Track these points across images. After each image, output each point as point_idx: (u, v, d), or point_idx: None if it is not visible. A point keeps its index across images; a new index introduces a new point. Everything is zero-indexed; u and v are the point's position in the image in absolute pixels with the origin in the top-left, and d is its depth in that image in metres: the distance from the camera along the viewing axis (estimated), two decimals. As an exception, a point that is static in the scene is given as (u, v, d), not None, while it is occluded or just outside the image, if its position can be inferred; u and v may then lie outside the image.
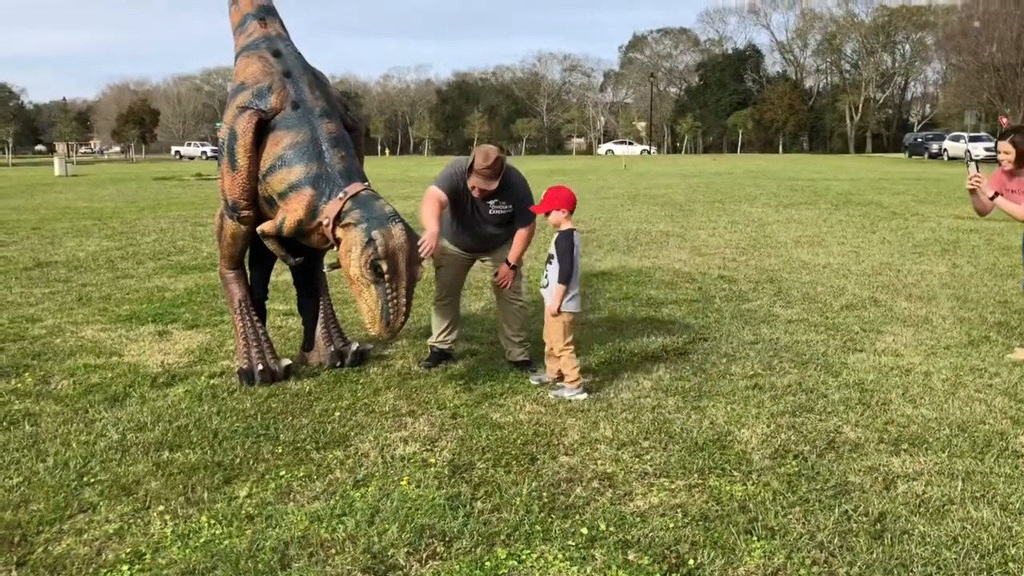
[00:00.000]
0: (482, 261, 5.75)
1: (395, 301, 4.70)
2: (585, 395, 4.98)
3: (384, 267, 4.64)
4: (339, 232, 4.84)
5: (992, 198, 5.26)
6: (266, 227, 5.12)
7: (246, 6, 5.74)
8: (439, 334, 5.74)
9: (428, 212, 5.16)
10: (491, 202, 5.42)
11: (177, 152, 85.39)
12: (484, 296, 7.86)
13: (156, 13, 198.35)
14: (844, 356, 5.86)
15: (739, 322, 6.87)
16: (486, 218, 5.47)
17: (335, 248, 4.97)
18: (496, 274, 5.55)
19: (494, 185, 5.27)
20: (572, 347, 5.07)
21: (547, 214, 5.14)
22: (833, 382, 5.26)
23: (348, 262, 4.73)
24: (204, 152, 78.10)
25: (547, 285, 5.11)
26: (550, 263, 5.09)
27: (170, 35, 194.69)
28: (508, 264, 5.50)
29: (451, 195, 5.34)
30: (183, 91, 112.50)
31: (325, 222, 4.86)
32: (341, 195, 4.87)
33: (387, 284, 4.67)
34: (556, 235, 5.10)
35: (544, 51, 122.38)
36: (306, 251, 5.43)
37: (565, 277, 4.99)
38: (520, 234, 5.50)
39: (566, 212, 5.08)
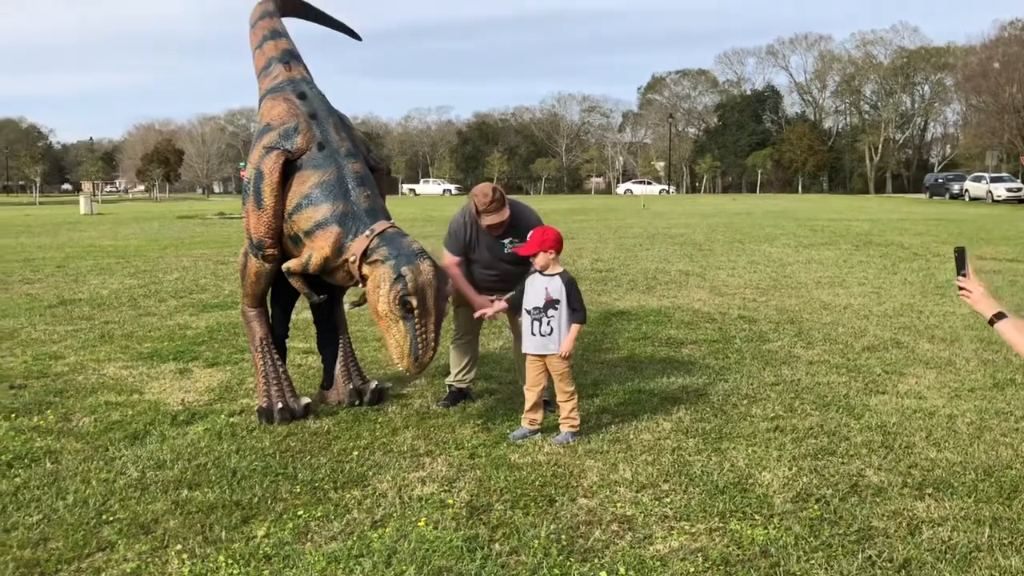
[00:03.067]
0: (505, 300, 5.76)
1: (424, 336, 4.72)
2: (577, 438, 4.92)
3: (413, 303, 4.67)
4: (366, 269, 4.88)
5: (992, 322, 3.12)
6: (292, 264, 5.16)
7: (271, 50, 5.85)
8: (457, 373, 5.75)
9: (462, 284, 5.43)
10: (505, 240, 5.49)
11: None
12: (503, 336, 7.86)
13: (182, 56, 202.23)
14: (866, 398, 5.80)
15: (759, 363, 6.83)
16: (502, 257, 5.53)
17: (360, 285, 5.00)
18: (503, 299, 5.50)
19: (506, 212, 5.35)
20: (575, 394, 5.03)
21: (533, 256, 4.97)
22: (855, 424, 5.20)
23: (376, 298, 4.76)
24: None
25: (550, 332, 4.92)
26: (551, 309, 4.90)
27: (195, 77, 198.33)
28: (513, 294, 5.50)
29: (463, 251, 5.50)
30: (207, 131, 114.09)
31: (352, 259, 4.91)
32: (368, 232, 4.93)
33: (416, 320, 4.70)
34: (555, 279, 4.92)
35: (563, 92, 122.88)
36: (329, 288, 5.47)
37: (583, 318, 4.97)
38: None
39: (554, 253, 4.95)
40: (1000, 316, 3.06)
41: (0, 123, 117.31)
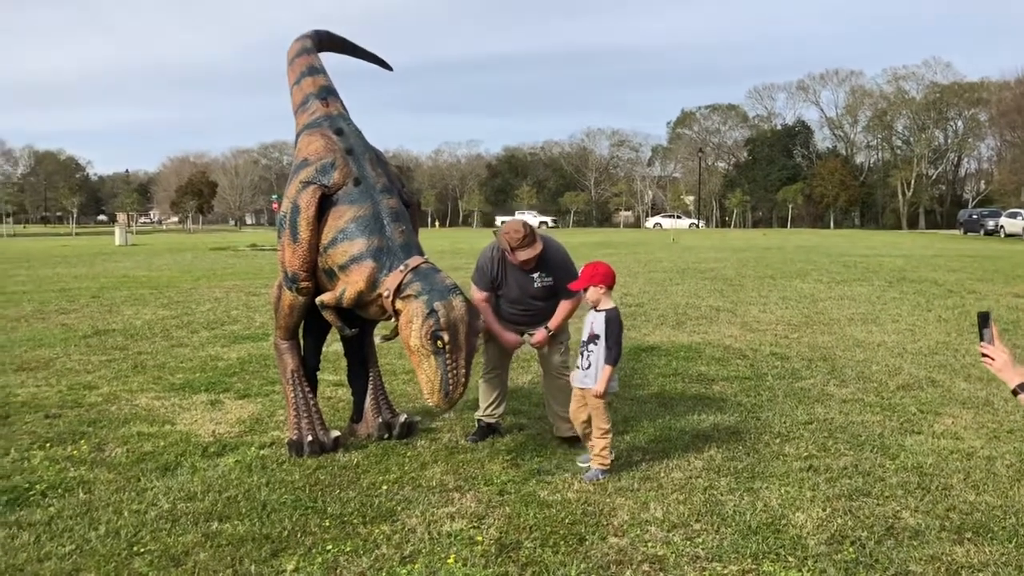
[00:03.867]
0: (529, 335, 5.77)
1: (454, 372, 4.74)
2: (607, 475, 4.90)
3: (445, 338, 4.70)
4: (399, 304, 4.91)
5: (1016, 392, 2.94)
6: (326, 298, 5.21)
7: (308, 87, 5.94)
8: (486, 407, 5.74)
9: (490, 320, 5.51)
10: (534, 275, 5.53)
11: None
12: (532, 370, 7.84)
13: (217, 90, 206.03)
14: (901, 438, 5.70)
15: (792, 401, 6.75)
16: (531, 293, 5.57)
17: (393, 320, 5.03)
18: (533, 335, 5.58)
19: (539, 246, 5.41)
20: (610, 432, 4.99)
21: (584, 290, 5.05)
22: (891, 465, 5.12)
23: (408, 333, 4.79)
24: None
25: (589, 367, 4.98)
26: (592, 344, 4.97)
27: (229, 110, 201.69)
28: (546, 329, 5.57)
29: (491, 286, 5.57)
30: (240, 163, 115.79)
31: (385, 294, 4.95)
32: (402, 268, 4.97)
33: (447, 355, 4.72)
34: (600, 315, 4.97)
35: (592, 127, 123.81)
36: (361, 322, 5.51)
37: (614, 359, 4.93)
38: (563, 304, 5.60)
39: (604, 288, 4.98)
40: None
41: (40, 155, 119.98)
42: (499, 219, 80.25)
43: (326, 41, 6.51)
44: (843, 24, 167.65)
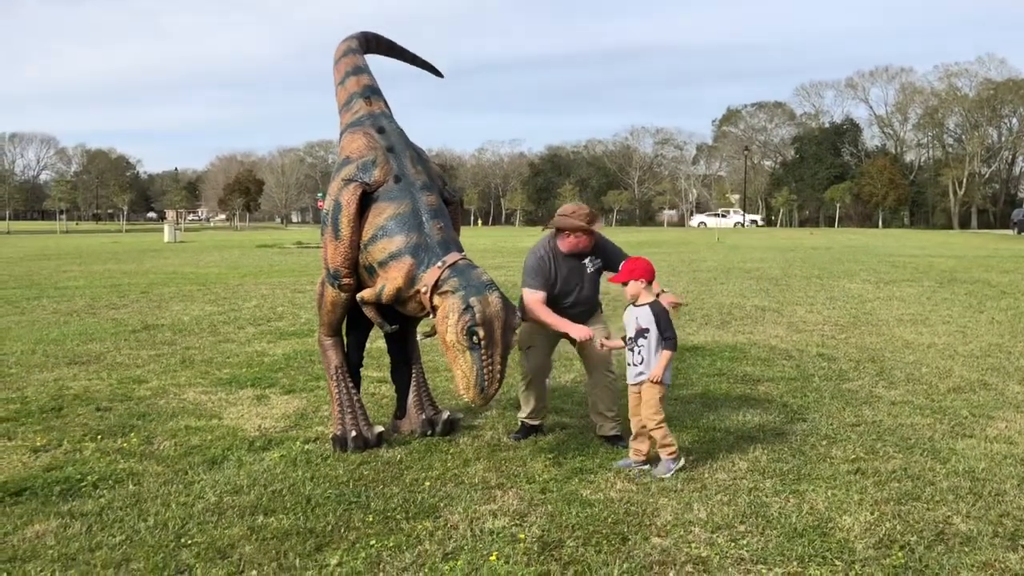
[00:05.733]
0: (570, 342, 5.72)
1: (490, 368, 4.75)
2: (682, 462, 4.92)
3: (481, 334, 4.71)
4: (436, 300, 4.93)
5: None
6: (366, 294, 5.25)
7: (353, 86, 5.99)
8: (529, 412, 5.73)
9: (545, 313, 5.34)
10: (586, 260, 5.58)
11: None
12: (574, 368, 7.81)
13: (265, 90, 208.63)
14: (952, 442, 5.58)
15: (839, 402, 6.64)
16: (585, 279, 5.60)
17: (431, 316, 5.05)
18: (600, 344, 5.50)
19: (598, 224, 5.49)
20: (664, 420, 4.98)
21: (624, 284, 5.10)
22: (941, 469, 5.01)
23: (445, 328, 4.81)
24: None
25: (641, 362, 5.01)
26: (641, 339, 4.99)
27: (276, 110, 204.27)
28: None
29: (547, 284, 5.48)
30: (287, 162, 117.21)
31: (424, 290, 4.97)
32: (439, 264, 4.99)
33: (483, 351, 4.73)
34: (643, 309, 5.00)
35: (636, 125, 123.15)
36: (402, 319, 5.53)
37: (673, 345, 4.95)
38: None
39: (644, 283, 5.04)
40: None
41: (92, 154, 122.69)
42: (701, 219, 77.93)
43: (373, 43, 6.55)
44: (894, 20, 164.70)
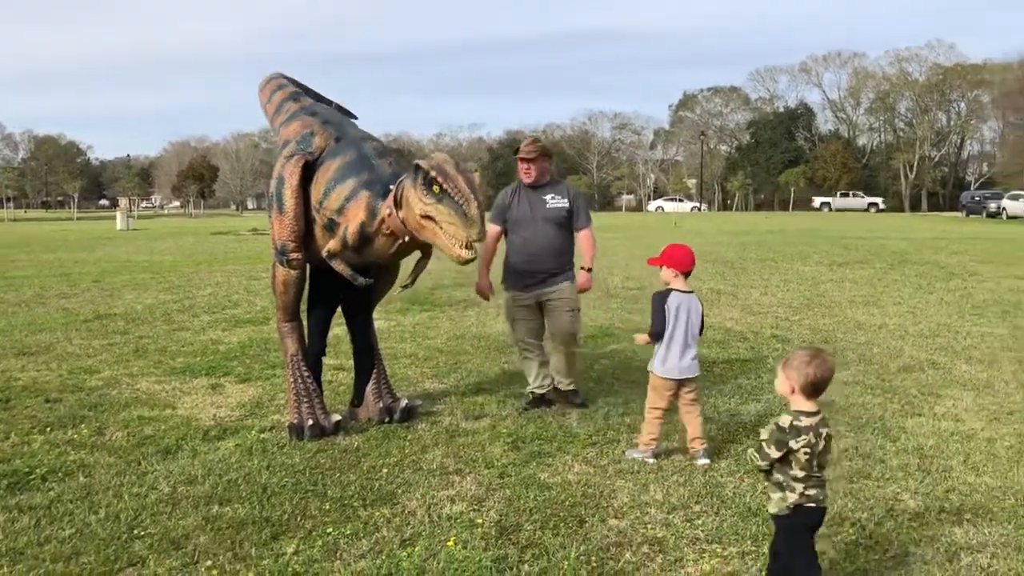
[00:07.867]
0: (549, 303, 5.91)
1: (465, 200, 4.57)
2: (652, 460, 4.91)
3: (438, 179, 4.58)
4: (403, 212, 4.84)
5: None
6: (331, 245, 5.19)
7: (280, 97, 6.18)
8: (534, 382, 6.01)
9: (482, 252, 5.68)
10: (547, 197, 5.84)
11: None
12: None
13: (219, 75, 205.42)
14: (902, 420, 5.70)
15: (793, 383, 6.73)
16: (546, 216, 5.80)
17: (404, 240, 4.96)
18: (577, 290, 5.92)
19: (547, 163, 5.86)
20: (658, 412, 4.98)
21: (660, 268, 5.09)
22: (891, 447, 5.11)
23: (411, 208, 4.71)
24: None
25: (695, 357, 5.07)
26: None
27: (231, 95, 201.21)
28: (584, 268, 5.96)
29: (504, 215, 5.89)
30: (242, 147, 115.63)
31: (388, 212, 4.91)
32: (393, 187, 4.98)
33: (449, 193, 4.58)
34: (689, 296, 5.03)
35: (594, 110, 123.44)
36: (373, 272, 5.42)
37: (653, 332, 4.98)
38: (584, 236, 5.97)
39: (675, 272, 5.02)
40: None
41: (40, 140, 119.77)
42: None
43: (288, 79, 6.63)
44: (846, 5, 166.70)
